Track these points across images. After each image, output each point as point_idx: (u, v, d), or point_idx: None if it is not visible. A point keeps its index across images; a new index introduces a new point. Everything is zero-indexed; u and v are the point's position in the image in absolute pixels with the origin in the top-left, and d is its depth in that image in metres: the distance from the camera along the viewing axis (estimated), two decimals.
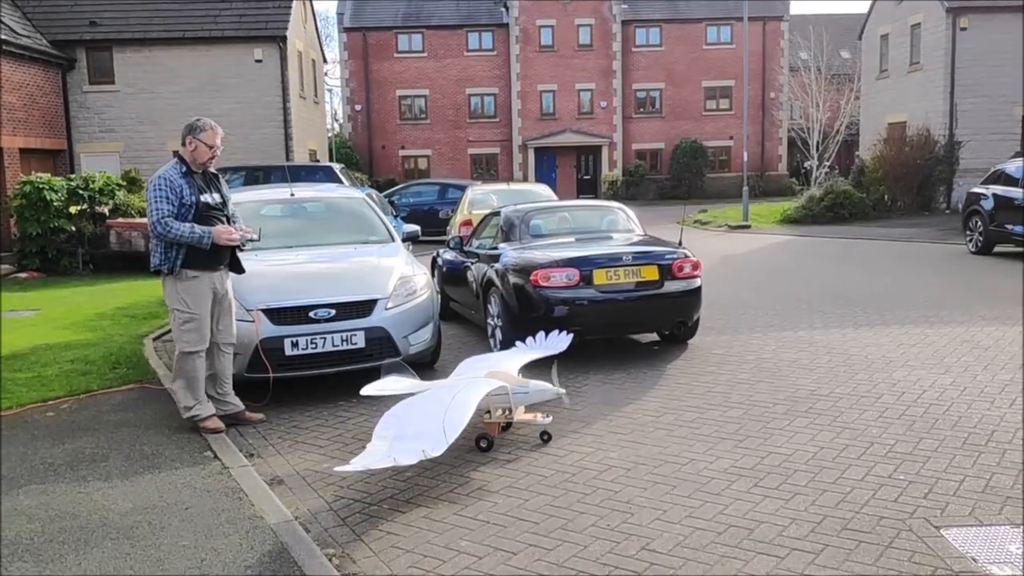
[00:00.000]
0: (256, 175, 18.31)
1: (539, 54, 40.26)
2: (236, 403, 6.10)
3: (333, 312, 6.47)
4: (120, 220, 16.18)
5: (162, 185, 5.67)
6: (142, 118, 25.08)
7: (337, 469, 4.61)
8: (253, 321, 6.29)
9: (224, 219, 5.88)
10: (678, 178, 39.56)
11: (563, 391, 5.62)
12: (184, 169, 5.79)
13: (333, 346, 6.45)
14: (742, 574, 3.63)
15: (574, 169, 41.47)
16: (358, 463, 4.45)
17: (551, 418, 5.58)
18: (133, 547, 4.02)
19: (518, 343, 6.84)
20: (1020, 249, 14.81)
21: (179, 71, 25.08)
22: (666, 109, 41.28)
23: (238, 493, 4.68)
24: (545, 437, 5.49)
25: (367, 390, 5.68)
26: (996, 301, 10.23)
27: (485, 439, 5.36)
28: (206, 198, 5.80)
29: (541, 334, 6.81)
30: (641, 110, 41.42)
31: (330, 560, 3.86)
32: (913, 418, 5.69)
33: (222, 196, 5.96)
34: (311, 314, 6.43)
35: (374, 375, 6.99)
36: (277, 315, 6.40)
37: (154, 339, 9.21)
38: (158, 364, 7.93)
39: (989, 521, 4.07)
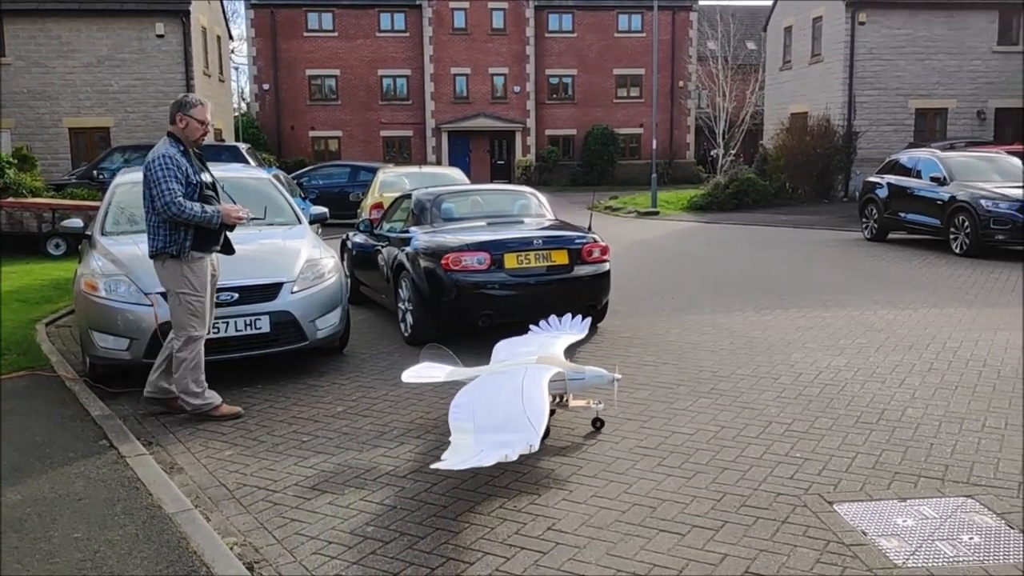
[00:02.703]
0: None
1: (452, 37, 40.01)
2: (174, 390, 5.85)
3: (236, 296, 6.29)
4: (11, 200, 15.41)
5: (169, 164, 5.41)
6: (35, 94, 23.95)
7: (434, 466, 4.12)
8: (151, 305, 6.08)
9: (218, 199, 5.71)
10: (590, 164, 39.97)
11: (619, 376, 5.40)
12: (181, 148, 5.55)
13: (236, 331, 6.28)
14: (645, 551, 3.70)
15: (488, 154, 41.44)
16: (453, 460, 4.06)
17: (603, 404, 5.45)
18: (21, 540, 3.85)
19: (532, 327, 6.49)
20: (913, 236, 15.51)
21: (75, 45, 24.02)
22: (578, 95, 41.60)
23: (135, 483, 4.52)
24: (597, 424, 5.30)
25: (408, 377, 5.44)
26: (889, 286, 10.69)
27: None
28: (205, 177, 5.63)
29: (554, 317, 6.59)
30: (554, 96, 41.65)
31: (232, 549, 3.77)
32: (809, 398, 5.90)
33: (211, 175, 5.78)
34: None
35: (279, 360, 6.90)
36: None
37: (47, 324, 8.82)
38: (51, 350, 7.60)
39: (878, 496, 4.24)
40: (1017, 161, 15.32)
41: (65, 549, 3.77)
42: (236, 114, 37.64)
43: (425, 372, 5.49)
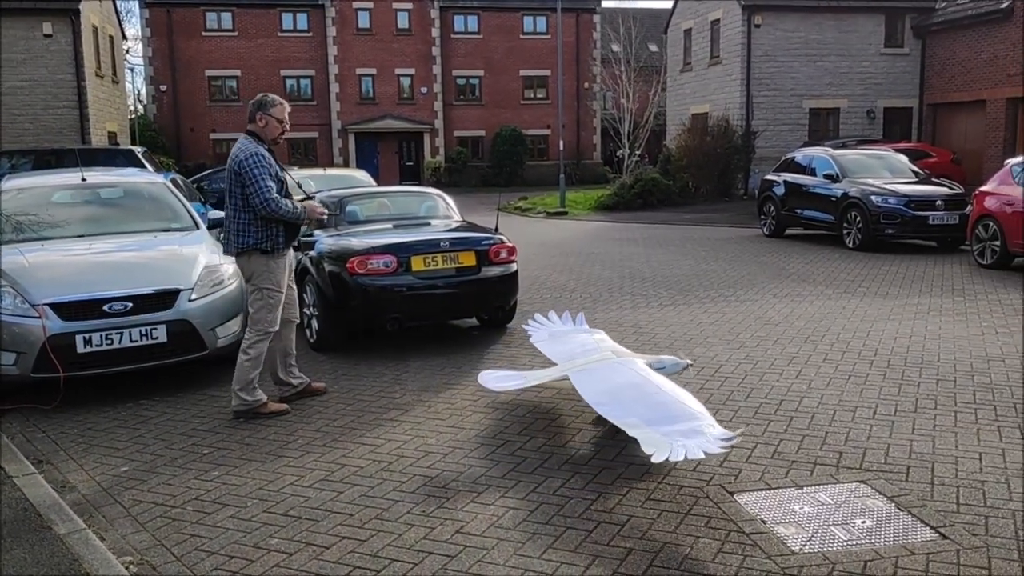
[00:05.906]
0: (47, 159, 16.92)
1: (357, 37, 39.57)
2: (303, 376, 6.16)
3: (130, 305, 6.06)
4: None
5: (262, 162, 5.47)
6: None
7: (656, 460, 3.99)
8: (39, 317, 5.81)
9: (290, 196, 5.77)
10: (499, 165, 40.12)
11: (691, 362, 5.45)
12: (265, 146, 5.60)
13: (131, 341, 6.05)
14: (552, 550, 3.72)
15: (397, 155, 41.14)
16: (662, 453, 3.95)
17: None
18: None
19: (528, 328, 6.53)
20: (809, 232, 16.08)
21: None
22: (486, 97, 41.69)
23: (23, 504, 4.30)
24: None
25: (492, 385, 5.51)
26: (786, 280, 11.06)
27: None
28: (283, 175, 5.71)
29: (540, 315, 6.63)
30: (462, 97, 41.63)
31: (128, 568, 3.63)
32: (711, 391, 6.04)
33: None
34: (105, 307, 5.99)
35: (178, 371, 6.68)
36: (67, 309, 5.92)
37: None
38: None
39: (777, 484, 4.38)
40: (904, 158, 16.07)
41: None
42: (132, 116, 36.35)
43: (505, 377, 5.59)
